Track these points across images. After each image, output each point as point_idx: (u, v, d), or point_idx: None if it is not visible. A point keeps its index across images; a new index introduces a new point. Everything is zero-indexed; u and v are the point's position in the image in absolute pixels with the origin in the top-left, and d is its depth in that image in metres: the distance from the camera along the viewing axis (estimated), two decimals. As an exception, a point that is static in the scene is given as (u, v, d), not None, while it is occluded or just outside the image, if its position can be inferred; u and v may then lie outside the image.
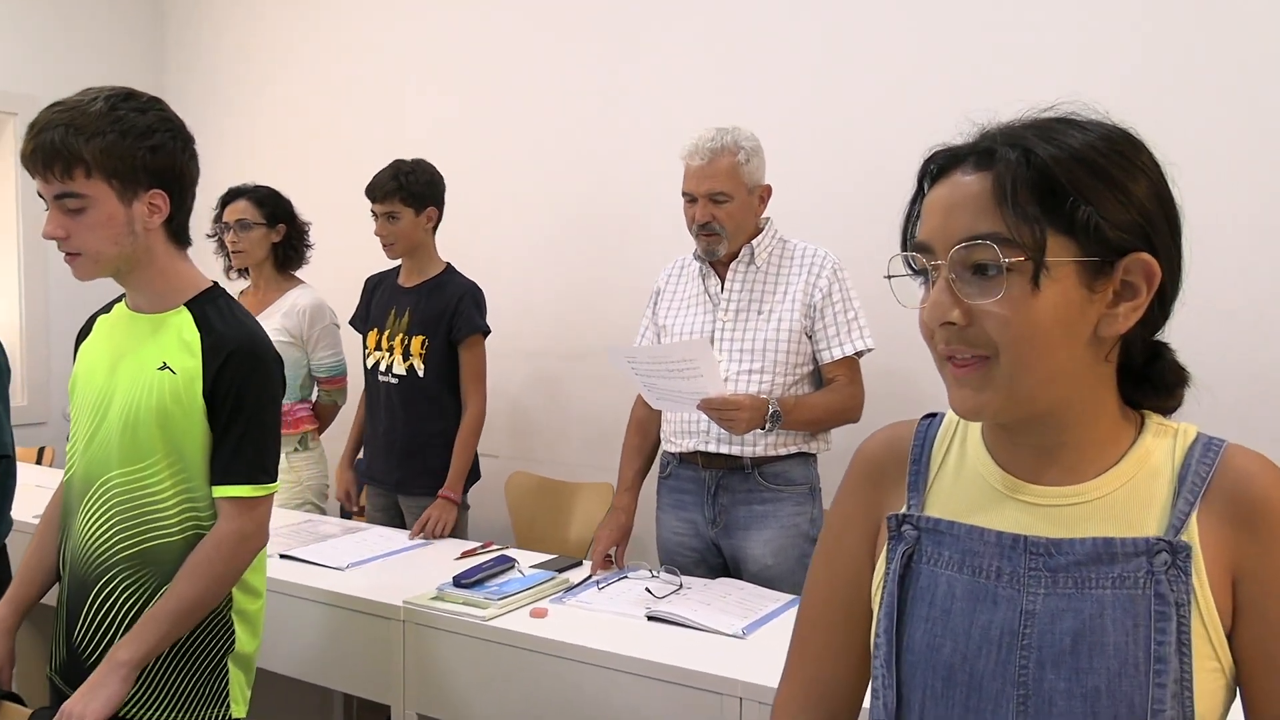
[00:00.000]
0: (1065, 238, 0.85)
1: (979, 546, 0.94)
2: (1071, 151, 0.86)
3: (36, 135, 1.55)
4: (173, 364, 1.65)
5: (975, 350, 0.88)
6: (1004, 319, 0.86)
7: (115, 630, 1.66)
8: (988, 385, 0.88)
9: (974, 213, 0.87)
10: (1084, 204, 0.85)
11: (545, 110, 3.68)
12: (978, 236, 0.86)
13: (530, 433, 3.82)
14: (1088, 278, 0.86)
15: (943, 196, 0.91)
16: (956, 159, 0.91)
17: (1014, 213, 0.85)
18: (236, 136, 4.59)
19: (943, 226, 0.89)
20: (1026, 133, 0.89)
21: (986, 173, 0.87)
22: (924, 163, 0.94)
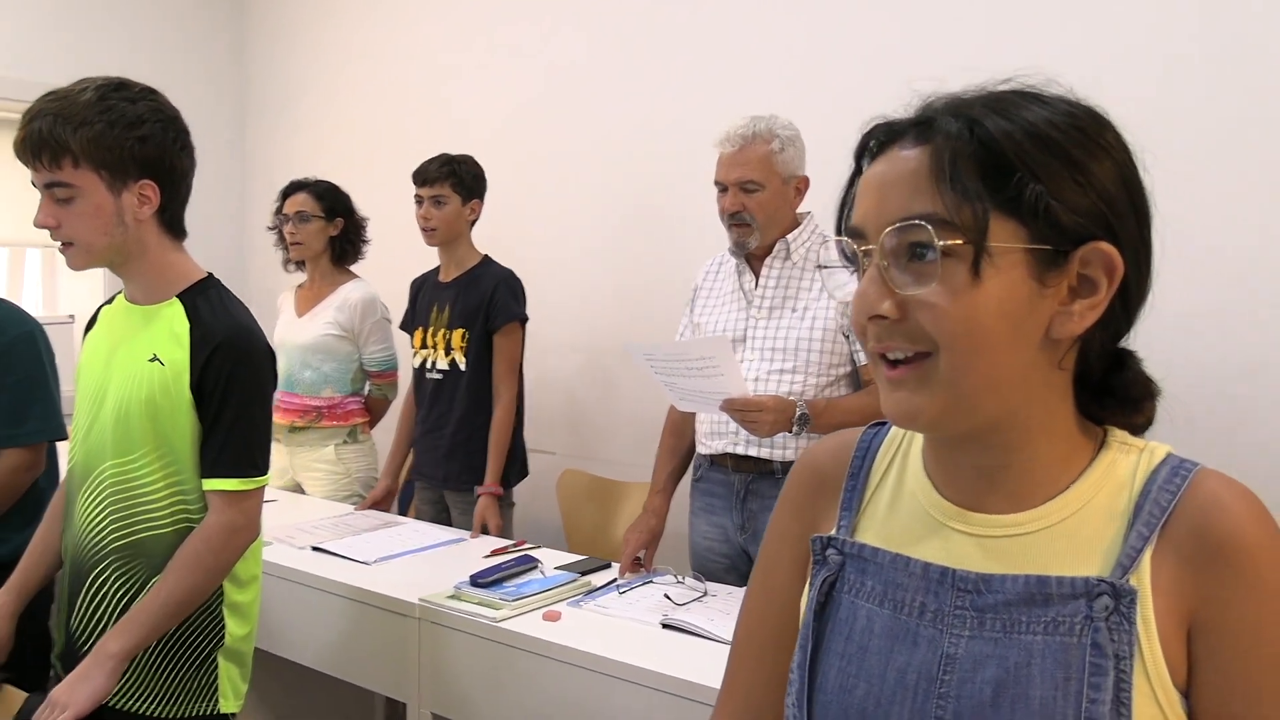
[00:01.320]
0: (1012, 221, 0.74)
1: (903, 578, 0.83)
2: (1024, 125, 0.75)
3: (27, 124, 1.56)
4: (162, 356, 1.65)
5: (911, 346, 0.77)
6: (940, 311, 0.74)
7: (107, 620, 1.67)
8: (924, 388, 0.77)
9: (909, 191, 0.76)
10: (1033, 182, 0.73)
11: (603, 109, 3.63)
12: (912, 217, 0.75)
13: (585, 430, 3.78)
14: (1038, 269, 0.75)
15: (877, 174, 0.80)
16: (896, 133, 0.80)
17: (953, 190, 0.74)
18: (310, 131, 4.67)
19: (876, 208, 0.78)
20: (975, 104, 0.78)
21: (926, 147, 0.77)
22: (861, 138, 0.83)
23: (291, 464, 3.28)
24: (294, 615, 2.44)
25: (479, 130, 3.96)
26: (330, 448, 3.21)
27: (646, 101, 3.52)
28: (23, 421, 2.30)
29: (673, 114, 3.45)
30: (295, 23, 4.77)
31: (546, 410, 3.82)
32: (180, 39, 4.72)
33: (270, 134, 4.89)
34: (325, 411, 3.22)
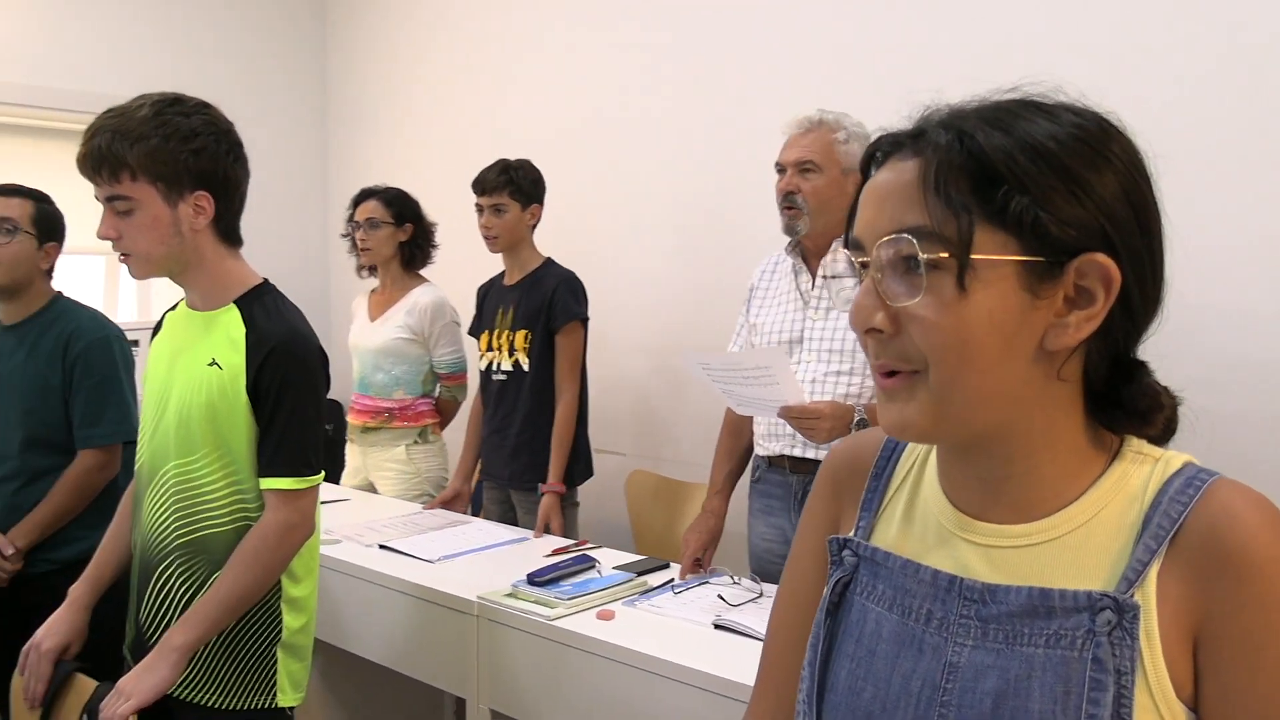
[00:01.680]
0: (1001, 233, 0.73)
1: (913, 585, 0.83)
2: (1020, 136, 0.74)
3: (88, 140, 1.64)
4: (220, 360, 1.71)
5: (903, 364, 0.77)
6: (929, 324, 0.74)
7: (172, 613, 1.74)
8: (914, 400, 0.77)
9: (902, 204, 0.76)
10: (1019, 194, 0.72)
11: (672, 110, 3.64)
12: (901, 230, 0.75)
13: (654, 431, 3.79)
14: (1030, 280, 0.73)
15: (876, 186, 0.80)
16: (897, 144, 0.80)
17: (939, 202, 0.74)
18: (388, 138, 4.78)
19: (872, 220, 0.78)
20: (971, 115, 0.77)
21: (919, 159, 0.76)
22: (868, 149, 0.83)
23: (364, 464, 3.36)
24: (360, 611, 2.50)
25: (549, 134, 4.01)
26: (401, 448, 3.29)
27: (716, 102, 3.52)
28: (97, 423, 2.41)
29: (742, 114, 3.44)
30: (373, 34, 4.89)
31: (616, 411, 3.84)
32: (266, 52, 4.88)
33: (350, 142, 5.02)
34: (396, 413, 3.29)
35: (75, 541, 2.37)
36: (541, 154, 3.16)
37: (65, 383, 2.43)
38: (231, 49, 4.75)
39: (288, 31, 4.96)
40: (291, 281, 4.69)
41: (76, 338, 2.45)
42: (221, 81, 4.64)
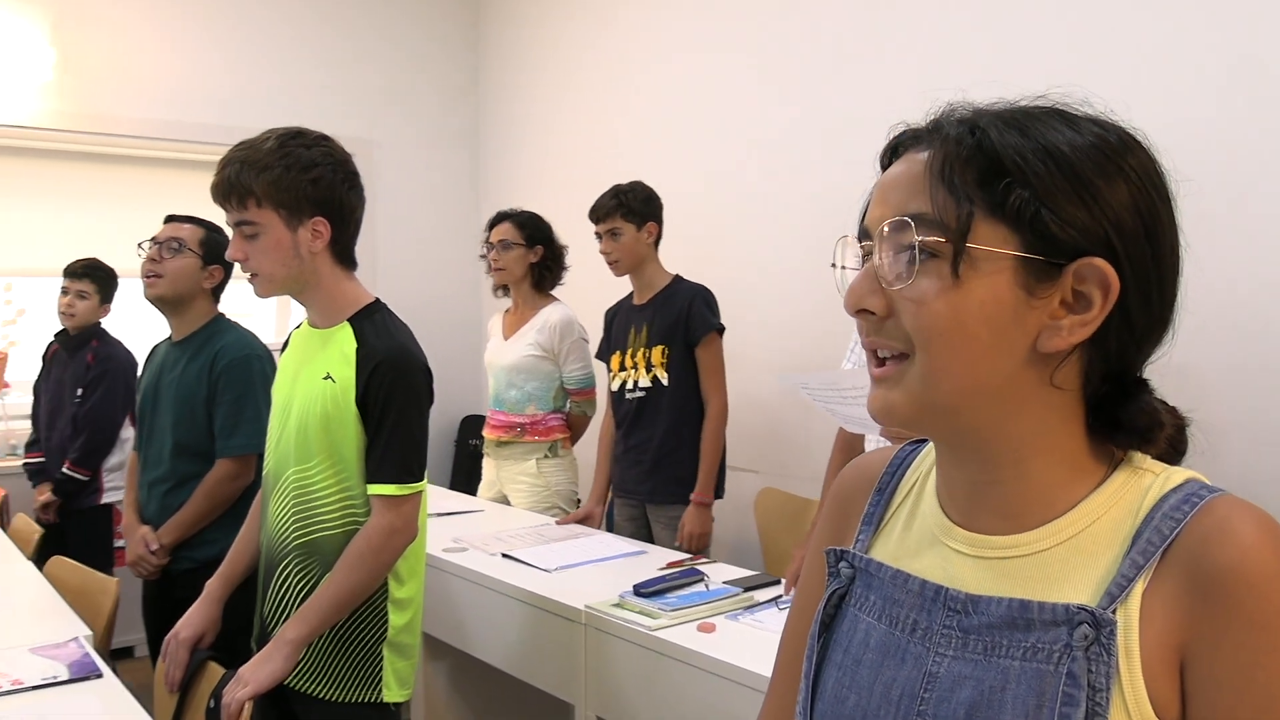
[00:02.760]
0: (1003, 228, 0.73)
1: (901, 595, 0.83)
2: (1034, 136, 0.74)
3: (220, 171, 1.80)
4: (334, 374, 1.84)
5: (892, 346, 0.77)
6: (920, 308, 0.74)
7: (289, 609, 1.88)
8: (899, 386, 0.77)
9: (908, 192, 0.77)
10: (1021, 188, 0.72)
11: (806, 129, 3.65)
12: (903, 215, 0.76)
13: (785, 449, 3.78)
14: (1026, 278, 0.73)
15: (888, 178, 0.81)
16: (915, 139, 0.81)
17: (943, 190, 0.75)
18: (533, 162, 4.96)
19: (879, 208, 0.80)
20: (989, 114, 0.78)
21: (931, 150, 0.78)
22: (888, 143, 0.85)
23: (498, 476, 3.49)
24: (481, 617, 2.61)
25: (684, 155, 4.08)
26: (532, 461, 3.40)
27: (846, 121, 3.50)
28: (233, 435, 2.61)
29: (872, 133, 3.40)
30: (522, 59, 5.09)
31: (747, 429, 3.86)
32: (420, 82, 5.17)
33: (499, 167, 5.23)
34: (528, 427, 3.41)
35: (212, 543, 2.56)
36: (676, 177, 3.24)
37: (210, 395, 2.64)
38: (388, 86, 5.04)
39: (440, 65, 5.23)
40: (445, 302, 5.02)
41: (222, 355, 2.66)
42: (378, 115, 4.94)
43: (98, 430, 3.76)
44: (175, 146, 4.48)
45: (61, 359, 3.87)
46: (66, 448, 3.74)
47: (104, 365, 3.79)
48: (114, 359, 3.82)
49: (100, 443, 3.77)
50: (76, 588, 2.54)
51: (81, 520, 3.72)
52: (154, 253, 2.67)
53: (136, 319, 4.27)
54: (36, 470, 3.84)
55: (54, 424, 3.83)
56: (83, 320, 3.81)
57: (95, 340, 3.84)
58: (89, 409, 3.75)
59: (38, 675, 1.88)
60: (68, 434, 3.76)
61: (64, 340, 3.88)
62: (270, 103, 4.62)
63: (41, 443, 3.88)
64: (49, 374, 3.91)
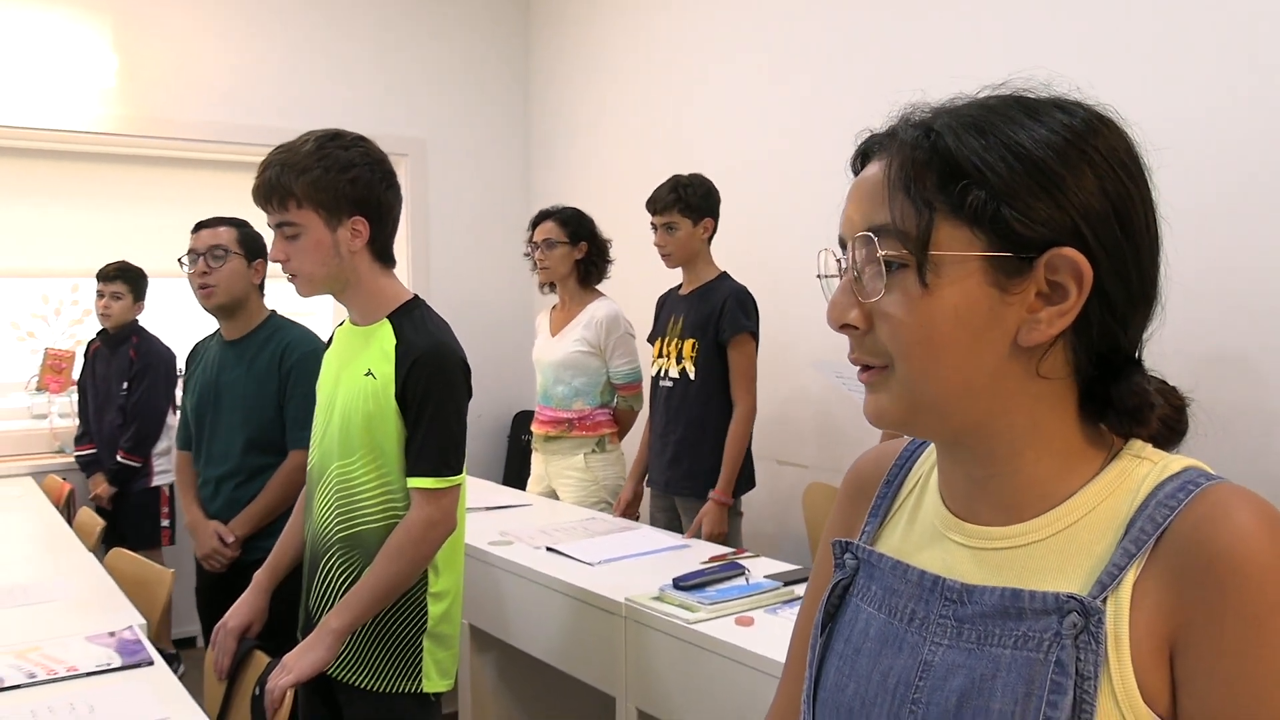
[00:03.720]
0: (966, 229, 0.73)
1: (900, 585, 0.84)
2: (992, 133, 0.74)
3: (260, 173, 1.84)
4: (375, 370, 1.87)
5: (876, 360, 0.78)
6: (895, 321, 0.75)
7: (332, 601, 1.92)
8: (886, 391, 0.78)
9: (872, 202, 0.78)
10: (977, 188, 0.72)
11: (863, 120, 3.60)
12: (868, 229, 0.76)
13: (835, 444, 3.77)
14: (997, 276, 0.73)
15: (855, 185, 0.82)
16: (880, 145, 0.82)
17: (902, 198, 0.75)
18: (581, 159, 4.98)
19: (849, 218, 0.80)
20: (945, 114, 0.78)
21: (889, 158, 0.78)
22: (857, 149, 0.86)
23: (546, 471, 3.52)
24: (525, 609, 2.64)
25: (731, 147, 4.08)
26: (580, 456, 3.42)
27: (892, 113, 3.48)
28: (306, 426, 2.67)
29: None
30: (572, 58, 5.12)
31: (797, 423, 3.85)
32: (471, 83, 5.22)
33: (549, 164, 5.26)
34: (576, 423, 3.43)
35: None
36: (723, 170, 3.23)
37: (280, 390, 2.74)
38: (440, 86, 5.10)
39: (491, 64, 5.28)
40: (497, 300, 5.08)
41: (291, 351, 2.75)
42: (430, 115, 5.00)
43: (147, 420, 3.99)
44: (233, 149, 4.59)
45: (104, 355, 4.09)
46: (116, 438, 3.97)
47: (146, 359, 4.02)
48: (155, 353, 4.05)
49: (150, 431, 4.01)
50: (134, 578, 2.62)
51: (134, 503, 3.94)
52: (201, 265, 2.74)
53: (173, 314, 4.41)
54: (90, 461, 4.07)
55: (102, 417, 4.05)
56: (119, 319, 4.02)
57: (135, 336, 4.05)
58: (137, 401, 3.97)
59: (91, 662, 1.94)
60: (117, 424, 3.98)
61: (105, 338, 4.10)
62: (324, 104, 4.71)
63: (91, 435, 4.10)
64: (93, 370, 4.13)
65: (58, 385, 4.28)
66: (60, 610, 2.33)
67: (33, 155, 4.35)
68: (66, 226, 4.43)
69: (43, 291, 4.51)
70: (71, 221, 4.44)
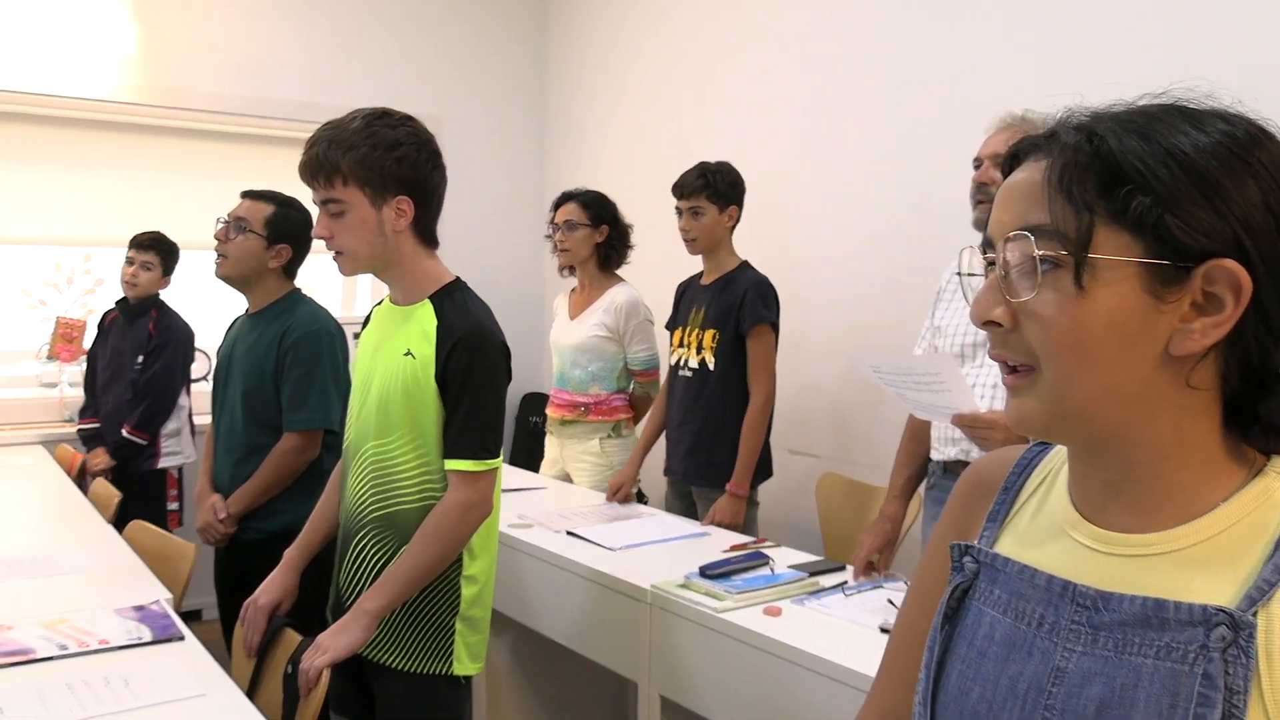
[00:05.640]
0: (1126, 234, 0.72)
1: (1027, 589, 0.83)
2: (1155, 139, 0.73)
3: (308, 150, 1.83)
4: (414, 350, 1.86)
5: (1017, 358, 0.78)
6: (1045, 321, 0.75)
7: (365, 580, 1.92)
8: (1033, 396, 0.78)
9: (1028, 202, 0.77)
10: (1142, 194, 0.72)
11: (875, 111, 3.61)
12: (1024, 228, 0.76)
13: (849, 434, 3.77)
14: (1153, 284, 0.72)
15: (1008, 186, 0.81)
16: (1035, 146, 0.81)
17: (1062, 200, 0.74)
18: (598, 142, 4.97)
19: (1000, 218, 0.80)
20: (1107, 118, 0.77)
21: (1048, 160, 0.77)
22: (1008, 151, 0.85)
23: (561, 455, 3.52)
24: (546, 593, 2.64)
25: (748, 136, 4.06)
26: (595, 441, 3.42)
27: (915, 102, 3.47)
28: (300, 409, 2.66)
29: (938, 118, 3.38)
30: (588, 43, 5.09)
31: (809, 413, 3.85)
32: (489, 64, 5.19)
33: (565, 147, 5.24)
34: (592, 407, 3.43)
35: (279, 514, 2.62)
36: (740, 157, 3.22)
37: (278, 370, 2.69)
38: (457, 63, 5.08)
39: (509, 43, 5.25)
40: (509, 281, 5.05)
41: (292, 330, 2.70)
42: (448, 93, 4.98)
43: (159, 397, 3.86)
44: (250, 122, 4.56)
45: (120, 326, 3.96)
46: (123, 413, 3.83)
47: (165, 334, 3.89)
48: (174, 329, 3.93)
49: (160, 409, 3.87)
50: (155, 551, 2.62)
51: (138, 483, 3.81)
52: (220, 232, 2.71)
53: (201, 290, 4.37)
54: (91, 436, 3.94)
55: (110, 390, 3.91)
56: (144, 290, 3.90)
57: (155, 310, 3.93)
58: (151, 376, 3.84)
59: (123, 636, 1.94)
60: (125, 400, 3.85)
61: (124, 308, 3.97)
62: (341, 79, 4.68)
63: (97, 408, 3.97)
64: (105, 340, 4.01)
65: (69, 354, 4.25)
66: (85, 582, 2.32)
67: (49, 122, 4.32)
68: (81, 195, 4.39)
69: (55, 259, 4.48)
70: (86, 190, 4.40)
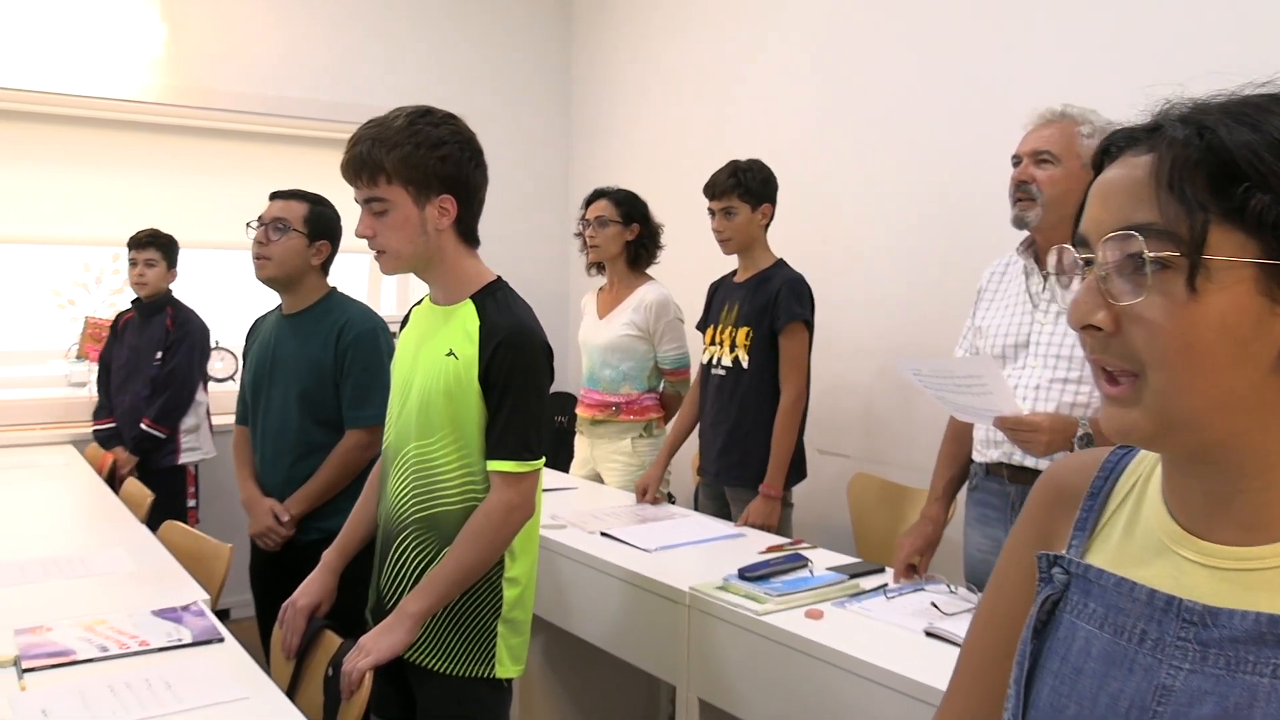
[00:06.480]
0: (1241, 234, 0.69)
1: (1126, 603, 0.79)
2: (1268, 132, 0.70)
3: (351, 148, 1.81)
4: (457, 350, 1.85)
5: (1121, 364, 0.74)
6: (1153, 326, 0.71)
7: (406, 582, 1.90)
8: (1138, 404, 0.74)
9: (1131, 200, 0.73)
10: (1261, 192, 0.68)
11: (908, 109, 3.58)
12: (1128, 226, 0.72)
13: (880, 434, 3.74)
14: (1270, 285, 0.69)
15: (1104, 182, 0.77)
16: (1132, 140, 0.77)
17: (1172, 199, 0.71)
18: (625, 140, 4.95)
19: (1098, 216, 0.76)
20: (1214, 110, 0.73)
21: (1153, 154, 0.73)
22: (1100, 144, 0.81)
23: (592, 454, 3.51)
24: (581, 594, 2.63)
25: (779, 134, 4.04)
26: (627, 440, 3.41)
27: (946, 100, 3.44)
28: (363, 405, 2.66)
29: (974, 113, 3.34)
30: (613, 42, 5.07)
31: (841, 413, 3.82)
32: (515, 63, 5.18)
33: (590, 145, 5.22)
34: (623, 407, 3.41)
35: (342, 513, 2.59)
36: (772, 155, 3.19)
37: (337, 368, 2.70)
38: (482, 63, 5.07)
39: (535, 43, 5.24)
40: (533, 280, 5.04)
41: (349, 328, 2.71)
42: (474, 92, 4.97)
43: (178, 390, 3.90)
44: (278, 122, 4.56)
45: (135, 325, 4.01)
46: (140, 410, 3.86)
47: (183, 329, 3.94)
48: (191, 323, 3.98)
49: (179, 402, 3.91)
50: (190, 551, 2.61)
51: (158, 480, 3.81)
52: (260, 235, 2.71)
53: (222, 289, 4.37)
54: (109, 436, 3.96)
55: (126, 388, 3.94)
56: (154, 287, 3.95)
57: (170, 307, 3.98)
58: (170, 370, 3.89)
59: (162, 637, 1.93)
60: (142, 396, 3.88)
61: (139, 308, 4.02)
62: (368, 79, 4.68)
63: (112, 408, 3.99)
64: (120, 341, 4.05)
65: (98, 354, 4.26)
66: (121, 582, 2.32)
67: (76, 122, 4.33)
68: (109, 194, 4.40)
69: (84, 259, 4.50)
70: (114, 190, 4.41)
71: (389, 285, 5.29)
